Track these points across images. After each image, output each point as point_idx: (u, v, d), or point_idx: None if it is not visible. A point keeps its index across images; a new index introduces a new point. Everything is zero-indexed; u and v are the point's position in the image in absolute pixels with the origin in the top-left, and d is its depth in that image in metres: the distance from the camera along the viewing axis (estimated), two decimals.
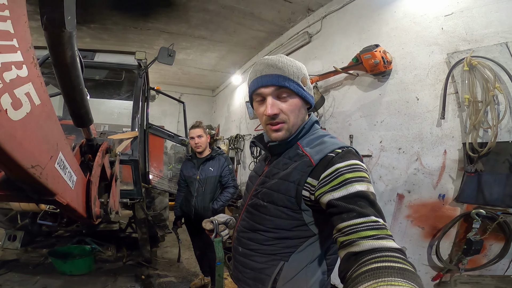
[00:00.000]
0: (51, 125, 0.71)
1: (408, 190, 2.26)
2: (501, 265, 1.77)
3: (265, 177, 0.95)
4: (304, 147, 0.89)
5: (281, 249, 0.88)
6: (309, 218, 0.84)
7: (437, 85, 2.09)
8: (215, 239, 1.06)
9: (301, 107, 0.91)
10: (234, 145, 5.81)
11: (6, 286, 2.63)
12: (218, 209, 2.54)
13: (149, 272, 3.23)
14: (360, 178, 0.73)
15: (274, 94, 0.87)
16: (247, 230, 0.95)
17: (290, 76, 0.86)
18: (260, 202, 0.91)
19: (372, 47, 2.37)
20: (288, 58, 0.91)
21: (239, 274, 0.98)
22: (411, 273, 0.50)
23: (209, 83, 7.61)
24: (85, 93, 0.96)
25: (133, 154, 2.63)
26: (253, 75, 0.91)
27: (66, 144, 0.87)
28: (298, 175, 0.82)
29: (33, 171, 0.64)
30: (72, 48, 0.73)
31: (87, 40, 4.52)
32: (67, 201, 0.93)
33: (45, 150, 0.70)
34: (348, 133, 2.82)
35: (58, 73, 0.80)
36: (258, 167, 1.07)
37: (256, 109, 0.93)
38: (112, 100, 4.12)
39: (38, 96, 0.61)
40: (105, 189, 1.53)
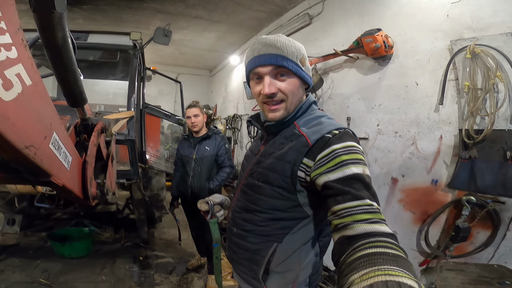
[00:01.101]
0: (44, 105, 0.70)
1: (402, 174, 2.30)
2: (485, 254, 1.83)
3: (260, 157, 0.94)
4: (301, 127, 0.88)
5: (275, 230, 0.89)
6: (304, 199, 0.85)
7: (438, 71, 2.07)
8: (210, 220, 1.05)
9: (299, 87, 0.90)
10: (231, 125, 5.80)
11: (8, 272, 2.68)
12: (214, 189, 2.55)
13: (147, 253, 3.30)
14: (357, 160, 0.72)
15: (272, 74, 0.86)
16: (242, 211, 0.96)
17: (288, 55, 0.84)
18: (255, 182, 0.91)
19: (374, 30, 2.32)
20: (287, 38, 0.89)
21: (234, 255, 1.00)
22: (404, 260, 0.52)
23: (207, 63, 7.46)
24: (78, 73, 0.94)
25: (129, 134, 2.61)
26: (251, 54, 0.89)
27: (60, 124, 0.86)
28: (294, 155, 0.82)
29: (27, 152, 0.64)
30: (63, 30, 0.71)
31: (80, 21, 4.36)
32: (63, 182, 0.93)
33: (38, 130, 0.70)
34: (345, 115, 2.82)
35: (50, 55, 0.79)
36: (254, 146, 1.07)
37: (253, 88, 0.92)
38: (108, 81, 4.05)
39: (29, 77, 0.60)
40: (102, 170, 1.53)
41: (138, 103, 3.23)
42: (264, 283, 0.93)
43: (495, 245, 1.78)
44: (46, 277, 2.61)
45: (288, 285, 0.93)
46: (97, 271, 2.82)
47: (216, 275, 1.16)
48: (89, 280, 2.66)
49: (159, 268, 3.02)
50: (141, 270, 2.93)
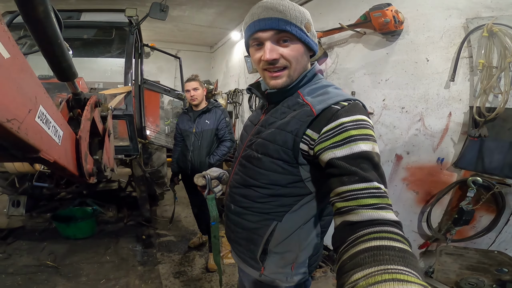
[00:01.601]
0: (25, 78, 0.66)
1: (407, 151, 2.25)
2: (486, 239, 1.80)
3: (260, 126, 0.88)
4: (305, 96, 0.82)
5: (275, 207, 0.84)
6: (306, 174, 0.79)
7: (451, 49, 1.98)
8: (208, 196, 1.00)
9: (304, 54, 0.83)
10: (232, 99, 5.75)
11: (15, 255, 2.72)
12: (215, 163, 2.51)
13: (149, 232, 3.33)
14: (366, 136, 0.66)
15: (274, 39, 0.78)
16: (240, 186, 0.90)
17: (292, 20, 0.77)
18: (254, 154, 0.85)
19: (383, 5, 2.19)
20: (290, 2, 0.81)
21: (232, 234, 0.96)
22: (411, 256, 0.48)
23: (207, 40, 7.24)
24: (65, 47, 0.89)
25: (127, 108, 2.56)
26: (250, 19, 0.81)
27: (47, 98, 0.82)
28: (297, 125, 0.76)
29: (9, 125, 0.60)
30: (43, 3, 0.68)
31: (72, 1, 4.14)
32: (54, 158, 0.89)
33: (20, 103, 0.66)
34: (350, 89, 2.74)
35: (32, 30, 0.75)
36: (254, 116, 1.00)
37: (253, 55, 0.84)
38: (106, 59, 3.94)
39: (6, 50, 0.56)
40: (99, 146, 1.49)
41: (137, 79, 3.16)
42: (262, 264, 0.90)
43: (497, 231, 1.76)
44: (52, 259, 2.67)
45: (286, 266, 0.90)
46: (101, 251, 2.88)
47: (214, 255, 1.13)
48: (94, 260, 2.71)
49: (162, 247, 3.08)
50: (144, 249, 2.98)
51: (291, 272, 0.91)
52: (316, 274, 2.45)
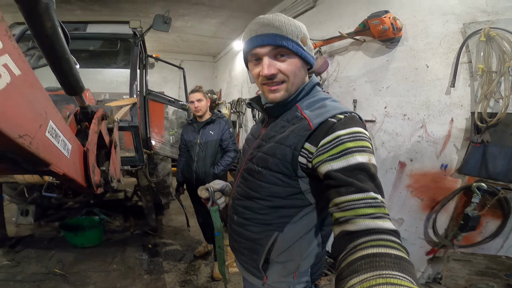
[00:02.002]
0: (36, 94, 0.69)
1: (410, 158, 2.25)
2: (494, 244, 1.79)
3: (261, 140, 0.91)
4: (303, 109, 0.84)
5: (276, 218, 0.86)
6: (306, 186, 0.81)
7: (450, 54, 1.99)
8: (211, 207, 1.03)
9: (301, 67, 0.85)
10: (236, 109, 5.80)
11: (24, 263, 2.76)
12: (219, 173, 2.54)
13: (156, 241, 3.36)
14: (362, 148, 0.68)
15: (271, 54, 0.81)
16: (242, 198, 0.93)
17: (288, 35, 0.79)
18: (255, 167, 0.87)
19: (381, 12, 2.22)
20: (286, 17, 0.83)
21: (235, 244, 0.98)
22: (407, 263, 0.49)
23: (210, 50, 7.37)
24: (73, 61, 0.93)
25: (132, 120, 2.61)
26: (248, 35, 0.84)
27: (56, 113, 0.85)
28: (295, 139, 0.78)
29: (21, 141, 0.63)
30: (51, 19, 0.70)
31: (78, 12, 4.30)
32: (63, 171, 0.92)
33: (32, 119, 0.69)
34: (352, 97, 2.76)
35: (41, 45, 0.78)
36: (255, 129, 1.03)
37: (252, 70, 0.87)
38: (111, 69, 4.05)
39: (17, 67, 0.58)
40: (106, 157, 1.53)
41: (141, 90, 3.22)
42: (264, 273, 0.92)
43: (504, 236, 1.74)
44: (60, 268, 2.69)
45: (289, 275, 0.91)
46: (108, 260, 2.90)
47: (219, 265, 1.14)
48: (101, 269, 2.73)
49: (168, 255, 3.08)
50: (150, 258, 3.00)
51: (293, 281, 0.91)
52: (321, 282, 2.43)
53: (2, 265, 2.68)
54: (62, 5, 4.02)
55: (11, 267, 2.65)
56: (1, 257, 2.81)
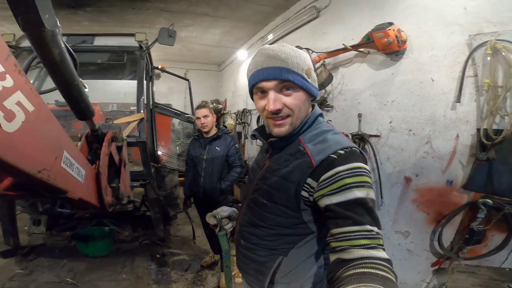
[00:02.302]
0: (50, 127, 0.71)
1: (416, 173, 2.23)
2: (499, 257, 1.78)
3: (265, 172, 0.94)
4: (306, 143, 0.86)
5: (280, 244, 0.90)
6: (308, 217, 0.85)
7: (455, 67, 1.97)
8: (219, 233, 1.08)
9: (305, 100, 0.87)
10: (241, 120, 5.78)
11: (37, 272, 2.81)
12: (226, 189, 2.59)
13: (164, 251, 3.39)
14: (361, 184, 0.72)
15: (277, 88, 0.82)
16: (248, 225, 0.97)
17: (293, 68, 0.81)
18: (261, 200, 0.91)
19: (385, 25, 2.21)
20: (291, 48, 0.85)
21: (242, 264, 1.03)
22: (392, 284, 0.54)
23: (215, 59, 7.43)
24: (82, 87, 0.95)
25: (140, 136, 2.66)
26: (253, 67, 0.85)
27: (69, 141, 0.88)
28: (298, 176, 0.81)
29: (40, 176, 0.65)
30: (58, 46, 0.71)
31: (86, 23, 4.39)
32: (79, 196, 0.96)
33: (48, 152, 0.71)
34: (357, 111, 2.74)
35: (50, 72, 0.79)
36: (260, 159, 1.05)
37: (257, 103, 0.89)
38: (119, 81, 4.12)
39: (30, 102, 0.59)
40: (116, 174, 1.57)
41: (148, 103, 3.27)
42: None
43: (509, 248, 1.73)
44: (72, 277, 2.74)
45: None
46: (118, 269, 2.94)
47: (226, 282, 1.21)
48: (111, 278, 2.78)
49: (175, 265, 3.11)
50: (159, 268, 3.03)
51: None
52: None
53: (15, 273, 2.74)
54: (70, 16, 4.11)
55: (24, 276, 2.71)
56: (14, 265, 2.88)
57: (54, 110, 2.79)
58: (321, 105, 3.12)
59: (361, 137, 2.59)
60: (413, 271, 2.27)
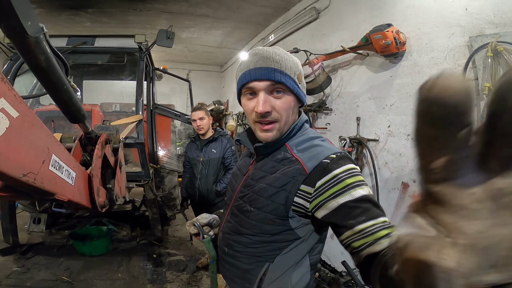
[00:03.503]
0: (36, 132, 0.71)
1: (413, 179, 2.19)
2: None
3: (251, 180, 0.91)
4: (293, 149, 0.84)
5: (266, 251, 0.87)
6: (295, 224, 0.83)
7: (455, 70, 1.93)
8: (204, 239, 1.05)
9: (294, 106, 0.84)
10: (242, 121, 5.79)
11: (34, 270, 2.85)
12: (221, 191, 2.59)
13: (160, 251, 3.42)
14: (361, 182, 0.72)
15: (268, 90, 0.79)
16: (232, 233, 0.94)
17: (287, 71, 0.79)
18: (247, 207, 0.88)
19: (383, 26, 2.18)
20: (284, 51, 0.83)
21: (227, 272, 1.00)
22: None
23: (217, 60, 7.45)
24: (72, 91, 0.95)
25: (138, 137, 2.67)
26: (245, 66, 0.81)
27: (58, 146, 0.88)
28: (290, 183, 0.79)
29: (26, 179, 0.66)
30: (44, 52, 0.71)
31: (88, 24, 4.45)
32: (68, 197, 0.96)
33: (34, 157, 0.72)
34: (355, 115, 2.71)
35: (38, 77, 0.80)
36: (242, 164, 1.02)
37: (245, 105, 0.85)
38: (120, 81, 4.16)
39: (14, 109, 0.60)
40: (112, 175, 1.58)
41: (149, 104, 3.29)
42: None
43: None
44: (68, 275, 2.77)
45: None
46: (114, 268, 2.96)
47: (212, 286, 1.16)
48: (106, 277, 2.80)
49: (171, 266, 3.13)
50: (154, 268, 3.05)
51: None
52: None
53: (12, 271, 2.78)
54: (72, 17, 4.17)
55: (21, 273, 2.75)
56: (12, 263, 2.92)
57: (54, 111, 2.82)
58: (319, 108, 3.10)
59: (359, 141, 2.57)
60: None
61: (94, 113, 2.82)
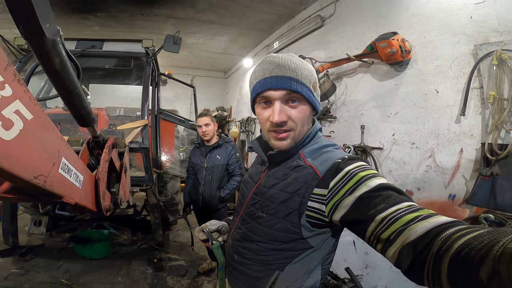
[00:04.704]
0: (48, 134, 0.71)
1: (417, 187, 2.19)
2: None
3: (263, 187, 0.90)
4: (306, 157, 0.83)
5: (276, 259, 0.86)
6: (308, 233, 0.81)
7: (460, 78, 1.94)
8: (213, 246, 1.04)
9: (309, 115, 0.83)
10: (245, 128, 5.78)
11: (32, 272, 2.83)
12: (225, 197, 2.58)
13: (161, 256, 3.40)
14: (375, 174, 0.68)
15: (284, 99, 0.78)
16: (242, 240, 0.92)
17: (302, 79, 0.77)
18: (259, 213, 0.87)
19: (389, 34, 2.20)
20: (300, 59, 0.82)
21: (235, 280, 0.98)
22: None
23: (221, 66, 7.51)
24: (83, 95, 0.96)
25: (143, 142, 2.68)
26: (260, 75, 0.80)
27: (68, 149, 0.89)
28: (303, 187, 0.77)
29: (36, 181, 0.66)
30: (59, 55, 0.71)
31: (96, 28, 4.53)
32: (75, 201, 0.97)
33: (45, 159, 0.72)
34: (359, 123, 2.72)
35: (52, 80, 0.81)
36: (254, 172, 1.00)
37: (259, 114, 0.84)
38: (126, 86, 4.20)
39: (29, 111, 0.60)
40: (116, 179, 1.58)
41: (153, 109, 3.31)
42: None
43: None
44: (67, 278, 2.75)
45: None
46: (114, 272, 2.93)
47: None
48: (106, 281, 2.77)
49: (172, 271, 3.10)
50: (155, 273, 3.02)
51: None
52: None
53: (11, 273, 2.76)
54: (81, 20, 4.24)
55: (19, 275, 2.73)
56: (10, 265, 2.90)
57: (61, 114, 2.85)
58: (324, 116, 3.11)
59: (363, 149, 2.57)
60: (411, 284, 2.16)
61: (100, 117, 2.84)
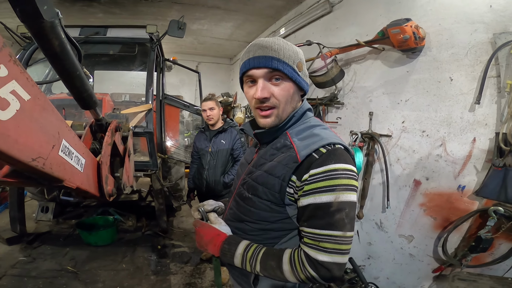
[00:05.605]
0: (47, 116, 0.70)
1: (426, 176, 2.15)
2: (503, 265, 1.72)
3: (252, 167, 0.94)
4: (292, 137, 0.86)
5: (265, 239, 0.90)
6: (293, 212, 0.85)
7: (477, 67, 1.87)
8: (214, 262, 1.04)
9: (294, 93, 0.87)
10: (250, 114, 5.75)
11: (39, 259, 2.89)
12: (229, 182, 2.56)
13: (165, 242, 3.44)
14: (331, 187, 0.74)
15: (267, 77, 0.83)
16: (234, 220, 0.97)
17: (285, 59, 0.82)
18: (246, 194, 0.91)
19: (402, 21, 2.11)
20: (285, 41, 0.87)
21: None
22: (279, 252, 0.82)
23: (226, 52, 7.40)
24: (84, 77, 0.94)
25: (147, 126, 2.67)
26: (245, 56, 0.86)
27: (69, 131, 0.87)
28: (283, 171, 0.82)
29: (35, 164, 0.65)
30: (58, 37, 0.70)
31: (100, 15, 4.47)
32: (76, 185, 0.95)
33: (44, 141, 0.70)
34: (368, 109, 2.66)
35: (51, 63, 0.79)
36: (248, 153, 1.06)
37: (246, 92, 0.90)
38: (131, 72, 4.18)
39: (26, 92, 0.59)
40: (120, 164, 1.57)
41: (158, 94, 3.29)
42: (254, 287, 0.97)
43: None
44: (73, 265, 2.81)
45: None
46: (118, 259, 2.99)
47: (215, 277, 1.17)
48: (111, 268, 2.83)
49: (175, 257, 3.14)
50: (158, 259, 3.07)
51: None
52: None
53: (18, 261, 2.81)
54: (85, 8, 4.18)
55: (26, 263, 2.78)
56: (18, 252, 2.96)
57: (65, 99, 2.84)
58: (331, 102, 3.05)
59: (371, 136, 2.51)
60: (413, 276, 2.22)
61: (104, 102, 2.82)
